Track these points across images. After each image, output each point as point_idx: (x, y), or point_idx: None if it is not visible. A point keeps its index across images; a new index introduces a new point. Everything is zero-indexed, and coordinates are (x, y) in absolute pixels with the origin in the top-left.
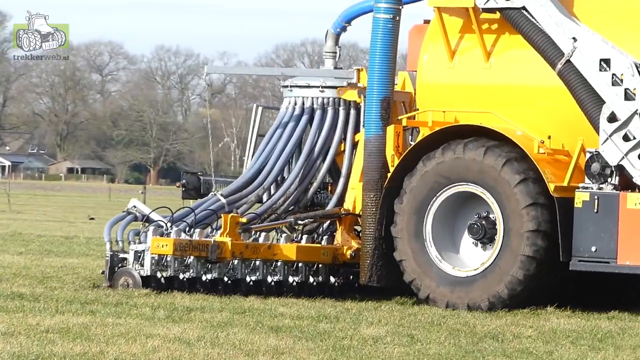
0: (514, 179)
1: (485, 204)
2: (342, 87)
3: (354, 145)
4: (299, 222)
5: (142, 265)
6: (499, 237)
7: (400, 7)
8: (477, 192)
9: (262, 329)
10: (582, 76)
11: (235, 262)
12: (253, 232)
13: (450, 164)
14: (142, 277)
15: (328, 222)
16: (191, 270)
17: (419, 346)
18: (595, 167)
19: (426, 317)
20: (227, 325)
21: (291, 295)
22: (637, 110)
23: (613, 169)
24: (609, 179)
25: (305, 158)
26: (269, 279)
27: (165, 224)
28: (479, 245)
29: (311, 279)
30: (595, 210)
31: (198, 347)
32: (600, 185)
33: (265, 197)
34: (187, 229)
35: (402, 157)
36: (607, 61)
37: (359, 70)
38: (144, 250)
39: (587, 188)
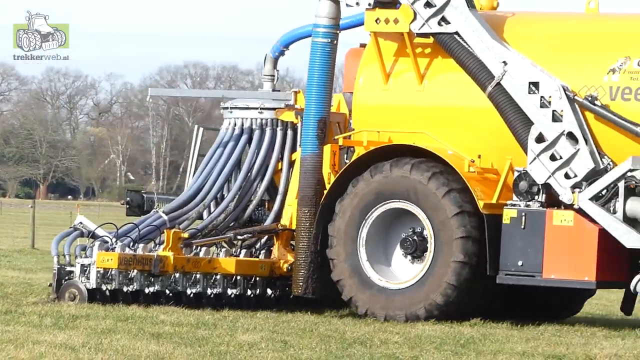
0: (440, 190)
1: (414, 218)
2: (280, 108)
3: (291, 164)
4: (238, 237)
5: (88, 278)
6: (430, 248)
7: (338, 32)
8: (407, 207)
9: (143, 336)
10: (511, 98)
11: (177, 275)
12: (194, 247)
13: (379, 183)
14: (88, 289)
15: (266, 237)
16: (135, 284)
17: (292, 351)
18: (523, 185)
19: (299, 324)
20: (111, 332)
21: (172, 303)
22: (563, 131)
23: (540, 187)
24: (536, 197)
25: (244, 176)
26: (209, 291)
27: (111, 239)
28: (411, 258)
29: (249, 292)
30: (523, 227)
31: (83, 353)
32: (528, 203)
33: (205, 214)
34: (132, 244)
35: (337, 175)
36: (535, 84)
37: (296, 93)
38: (90, 264)
39: (515, 205)
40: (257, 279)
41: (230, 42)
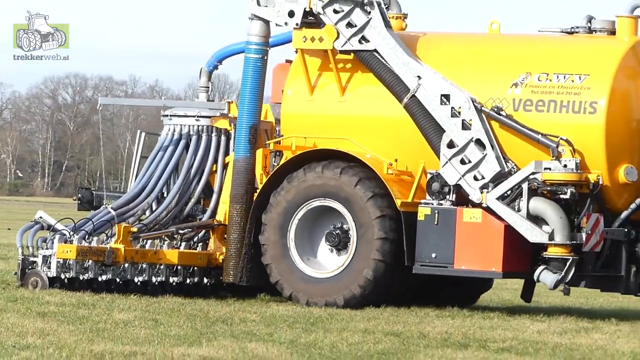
0: (366, 195)
1: (340, 216)
2: (215, 116)
3: (225, 166)
4: (180, 231)
5: (49, 267)
6: (352, 244)
7: (267, 49)
8: (334, 206)
9: (30, 314)
10: (425, 109)
11: (126, 265)
12: (141, 240)
13: (311, 183)
14: (49, 277)
15: (203, 231)
16: (90, 272)
17: (162, 328)
18: (436, 186)
19: (168, 305)
20: (1, 311)
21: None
22: (472, 138)
23: (451, 187)
24: (447, 196)
25: (183, 177)
26: (154, 279)
27: (69, 232)
28: (334, 251)
29: (188, 280)
30: (436, 223)
31: None
32: (440, 202)
33: (148, 211)
34: (86, 236)
35: (269, 176)
36: (447, 96)
37: (229, 103)
38: (51, 255)
39: (428, 204)
40: (196, 268)
41: (107, 55)
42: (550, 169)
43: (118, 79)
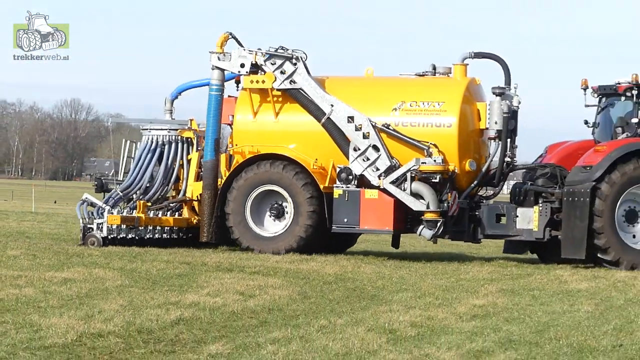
0: (300, 182)
1: (279, 196)
2: (181, 129)
3: (188, 161)
4: (171, 204)
5: (101, 231)
6: (290, 215)
7: (223, 87)
8: (278, 190)
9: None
10: (336, 126)
11: (141, 228)
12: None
13: (262, 173)
14: (102, 237)
15: (178, 204)
16: (123, 233)
17: (38, 260)
18: (343, 175)
19: (42, 245)
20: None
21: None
22: (370, 144)
23: (354, 176)
24: (351, 182)
25: (164, 170)
26: (160, 236)
27: (103, 207)
28: (275, 219)
29: (175, 235)
30: (346, 199)
31: None
32: (347, 185)
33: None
34: (112, 209)
35: (231, 170)
36: (352, 117)
37: (191, 120)
38: (103, 222)
39: (340, 187)
40: (182, 228)
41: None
42: (425, 162)
43: None
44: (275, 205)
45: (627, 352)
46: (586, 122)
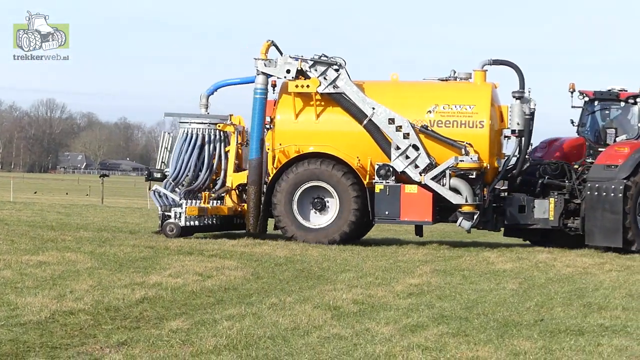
0: (348, 181)
1: (322, 191)
2: (220, 123)
3: (226, 153)
4: (222, 194)
5: (179, 219)
6: (335, 210)
7: (267, 91)
8: (324, 186)
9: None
10: (377, 128)
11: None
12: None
13: (311, 170)
14: (180, 226)
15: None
16: (196, 222)
17: (16, 245)
18: (382, 172)
19: (19, 231)
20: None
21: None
22: (410, 144)
23: (392, 172)
24: (389, 178)
25: (208, 161)
26: (219, 222)
27: (175, 199)
28: (316, 212)
29: (232, 221)
30: (387, 193)
31: None
32: (387, 181)
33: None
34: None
35: (279, 167)
36: (392, 119)
37: (230, 115)
38: (181, 212)
39: (380, 182)
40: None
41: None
42: (463, 160)
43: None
44: (317, 199)
45: (548, 326)
46: (572, 122)
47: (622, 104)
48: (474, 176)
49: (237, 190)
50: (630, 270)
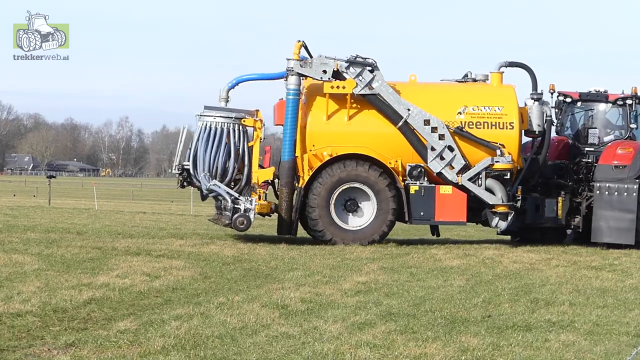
0: (385, 182)
1: (354, 192)
2: (243, 117)
3: (249, 148)
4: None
5: (249, 214)
6: (373, 211)
7: (300, 92)
8: (362, 188)
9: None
10: (411, 129)
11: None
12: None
13: (348, 172)
14: (250, 219)
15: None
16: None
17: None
18: (415, 173)
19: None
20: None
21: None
22: (446, 145)
23: (423, 173)
24: (421, 179)
25: (234, 155)
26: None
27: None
28: (350, 214)
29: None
30: (423, 194)
31: None
32: (421, 182)
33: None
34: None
35: (315, 169)
36: (427, 120)
37: (257, 111)
38: (250, 208)
39: (414, 183)
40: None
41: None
42: (499, 161)
43: None
44: (350, 201)
45: (495, 322)
46: (552, 122)
47: (609, 105)
48: (508, 177)
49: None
50: (577, 266)
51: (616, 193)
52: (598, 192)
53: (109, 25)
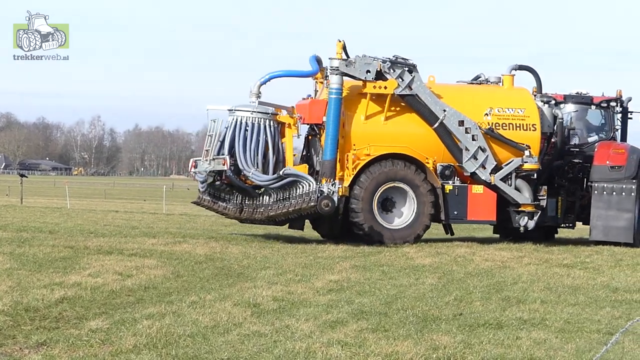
0: (424, 181)
1: (394, 191)
2: (276, 113)
3: (282, 145)
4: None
5: (334, 196)
6: (413, 208)
7: (342, 91)
8: (402, 186)
9: None
10: (447, 130)
11: None
12: None
13: (388, 171)
14: (334, 201)
15: None
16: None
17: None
18: (447, 172)
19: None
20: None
21: None
22: (479, 146)
23: (454, 172)
24: (452, 178)
25: (273, 149)
26: None
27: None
28: (387, 213)
29: None
30: (456, 194)
31: None
32: (451, 181)
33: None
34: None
35: (361, 166)
36: (461, 122)
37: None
38: (333, 190)
39: (447, 183)
40: None
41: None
42: (527, 162)
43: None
44: (388, 200)
45: (467, 320)
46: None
47: (593, 107)
48: (534, 177)
49: None
50: (549, 264)
51: (614, 193)
52: (596, 192)
53: (83, 24)
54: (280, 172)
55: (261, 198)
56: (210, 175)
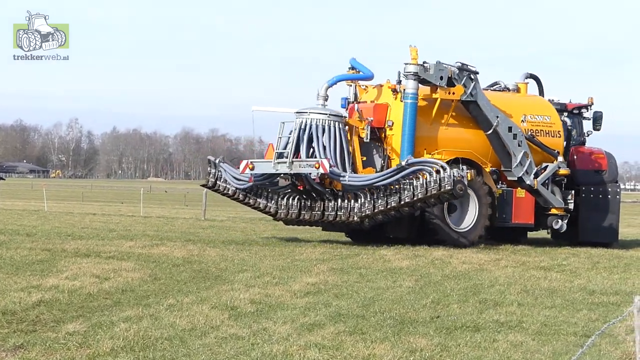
0: (480, 182)
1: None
2: (346, 116)
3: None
4: None
5: (464, 181)
6: (475, 210)
7: (417, 96)
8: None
9: None
10: (498, 137)
11: None
12: None
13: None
14: (466, 186)
15: None
16: None
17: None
18: (494, 177)
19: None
20: None
21: None
22: (523, 152)
23: (499, 176)
24: (500, 182)
25: (340, 152)
26: None
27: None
28: (451, 215)
29: None
30: (505, 197)
31: None
32: (501, 185)
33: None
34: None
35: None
36: (510, 128)
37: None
38: (462, 175)
39: (499, 187)
40: None
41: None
42: (560, 167)
43: None
44: (451, 204)
45: (444, 322)
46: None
47: (566, 113)
48: (565, 181)
49: None
50: (525, 266)
51: (600, 196)
52: (584, 195)
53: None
54: (403, 163)
55: (339, 201)
56: (284, 178)
